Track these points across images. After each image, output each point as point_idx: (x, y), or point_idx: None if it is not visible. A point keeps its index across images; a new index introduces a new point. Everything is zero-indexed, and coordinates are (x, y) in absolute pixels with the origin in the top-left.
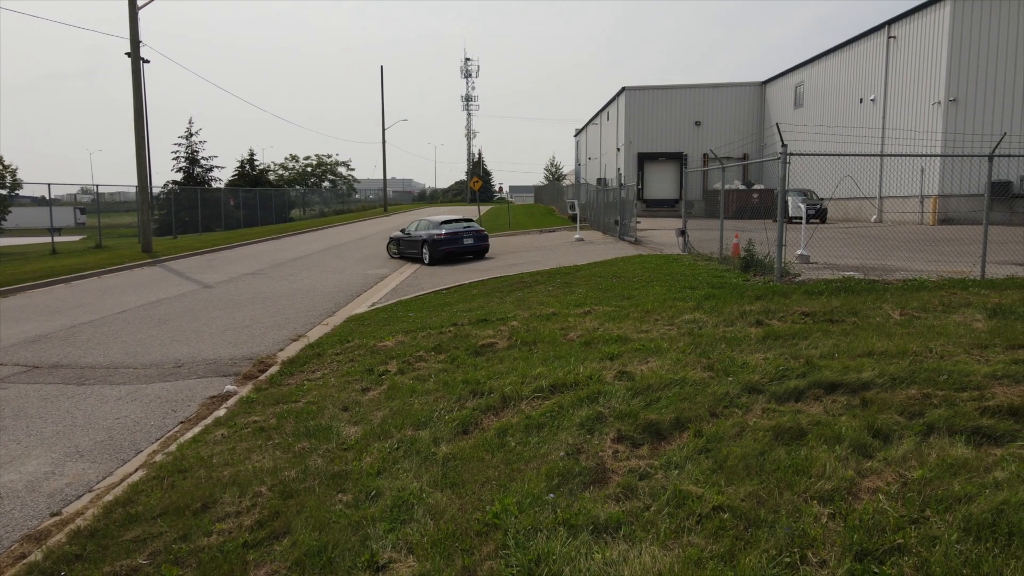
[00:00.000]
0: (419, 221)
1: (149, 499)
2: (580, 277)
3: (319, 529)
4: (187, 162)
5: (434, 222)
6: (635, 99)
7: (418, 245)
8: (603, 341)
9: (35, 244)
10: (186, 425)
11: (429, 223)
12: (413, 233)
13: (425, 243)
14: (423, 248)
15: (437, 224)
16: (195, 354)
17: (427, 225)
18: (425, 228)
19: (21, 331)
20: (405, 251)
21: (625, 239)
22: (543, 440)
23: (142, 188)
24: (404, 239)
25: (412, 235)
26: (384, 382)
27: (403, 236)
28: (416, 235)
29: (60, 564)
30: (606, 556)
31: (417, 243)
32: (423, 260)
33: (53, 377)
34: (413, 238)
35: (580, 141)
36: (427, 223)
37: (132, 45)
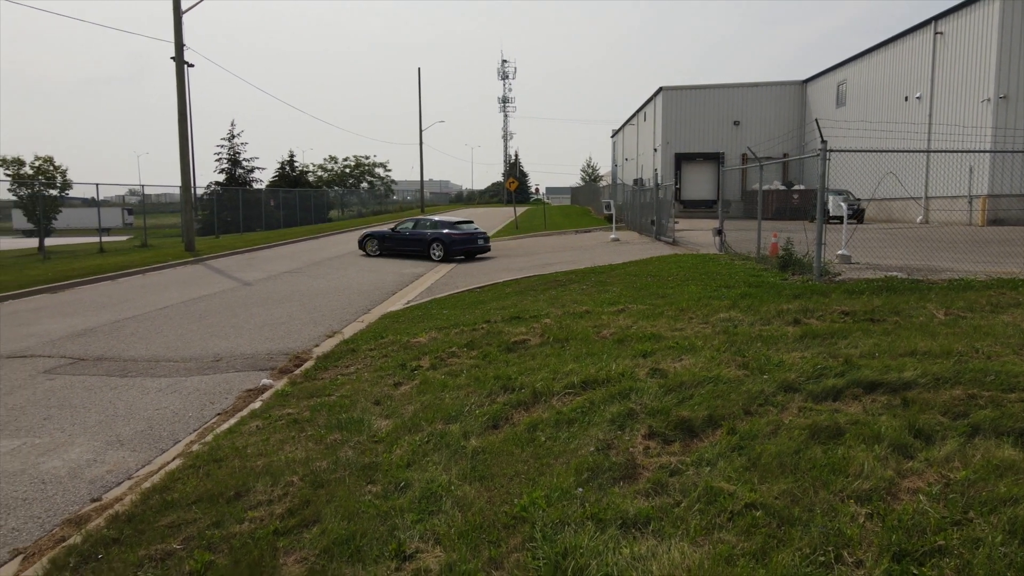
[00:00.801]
0: (413, 220)
1: (185, 487)
2: (615, 276)
3: (348, 518)
4: (229, 163)
5: (446, 222)
6: (672, 99)
7: (422, 244)
8: (636, 339)
9: (84, 243)
10: (223, 417)
11: (433, 223)
12: (410, 231)
13: (437, 241)
14: (432, 246)
15: (451, 224)
16: (233, 349)
17: (430, 224)
18: (431, 227)
19: (69, 325)
20: (395, 248)
21: (661, 239)
22: (573, 435)
23: (185, 188)
24: (393, 236)
25: (410, 233)
26: (416, 377)
27: (392, 234)
28: (417, 233)
29: (98, 547)
30: (634, 551)
31: (420, 241)
32: (430, 257)
33: (97, 369)
34: (411, 236)
35: (617, 142)
36: (429, 223)
37: (176, 49)
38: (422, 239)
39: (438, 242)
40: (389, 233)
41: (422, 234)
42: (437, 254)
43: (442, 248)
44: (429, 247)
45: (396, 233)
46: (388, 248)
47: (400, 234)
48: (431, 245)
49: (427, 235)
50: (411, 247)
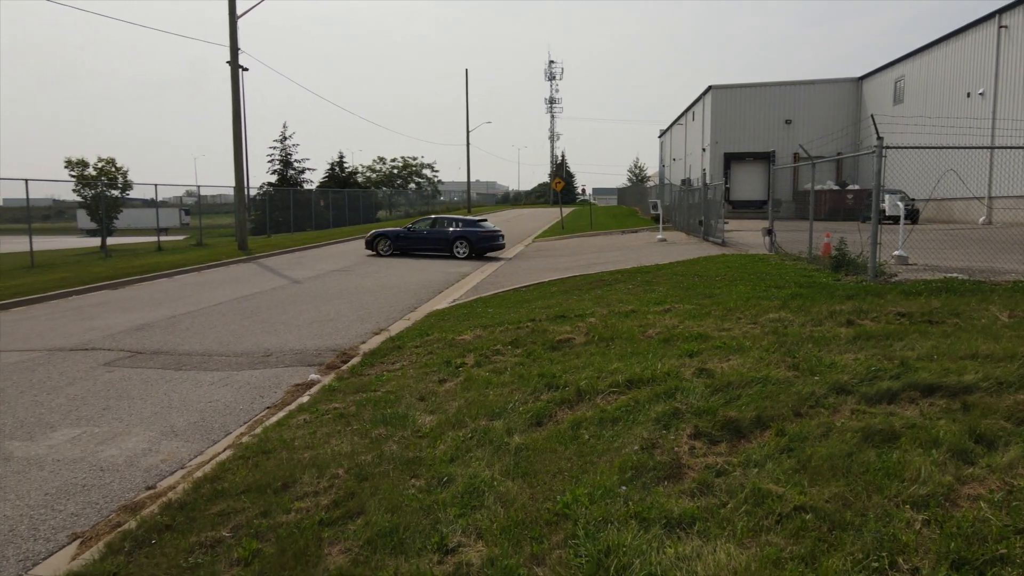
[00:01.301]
0: (428, 219)
1: (235, 477)
2: (661, 276)
3: (391, 511)
4: (281, 164)
5: (466, 220)
6: (722, 98)
7: (445, 242)
8: (682, 338)
9: (143, 242)
10: (272, 410)
11: (452, 221)
12: (429, 230)
13: (462, 239)
14: (456, 244)
15: (472, 222)
16: (283, 344)
17: (449, 223)
18: (452, 225)
19: (128, 320)
20: (412, 247)
21: (709, 240)
22: (617, 434)
23: (239, 189)
24: (409, 236)
25: (428, 232)
26: (461, 374)
27: (407, 233)
28: (438, 232)
29: (152, 533)
30: (679, 551)
31: (442, 240)
32: (454, 255)
33: (154, 362)
34: (431, 235)
35: (664, 142)
36: (448, 221)
37: (231, 53)
38: (444, 237)
39: (463, 239)
40: (404, 232)
41: (443, 232)
42: (461, 252)
43: (467, 245)
44: (453, 245)
45: (412, 232)
46: (403, 247)
47: (417, 233)
48: (455, 243)
49: (449, 233)
50: (431, 246)
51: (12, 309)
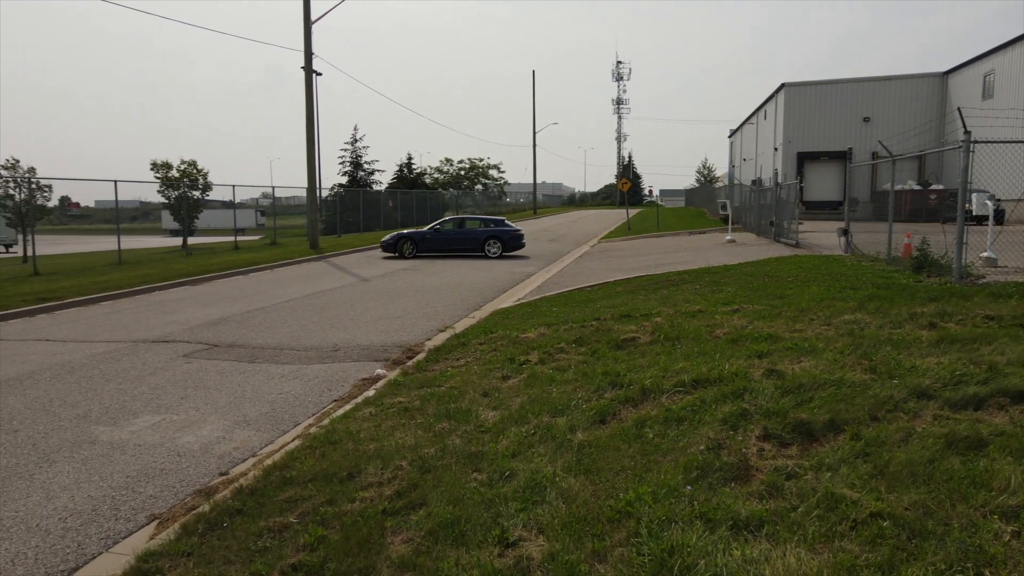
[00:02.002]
0: (453, 219)
1: (302, 465)
2: (730, 276)
3: (453, 503)
4: (351, 166)
5: (492, 219)
6: (795, 96)
7: (475, 241)
8: (751, 339)
9: (221, 242)
10: (339, 403)
11: (479, 220)
12: (457, 230)
13: (494, 238)
14: (488, 244)
15: (498, 221)
16: (350, 340)
17: (478, 222)
18: (481, 225)
19: (206, 314)
20: (439, 248)
21: (781, 241)
22: (682, 433)
23: (311, 190)
24: (436, 237)
25: (455, 233)
26: (524, 371)
27: (433, 234)
28: (467, 231)
29: (223, 516)
30: (746, 553)
31: (472, 240)
32: (486, 254)
33: (228, 355)
34: (459, 235)
35: (734, 142)
36: (473, 220)
37: (306, 58)
38: (475, 237)
39: (495, 239)
40: (430, 234)
41: (474, 232)
42: (493, 251)
43: (499, 244)
44: (484, 245)
45: (438, 233)
46: (430, 248)
47: (444, 234)
48: (487, 242)
49: (480, 232)
50: (461, 246)
51: (101, 303)
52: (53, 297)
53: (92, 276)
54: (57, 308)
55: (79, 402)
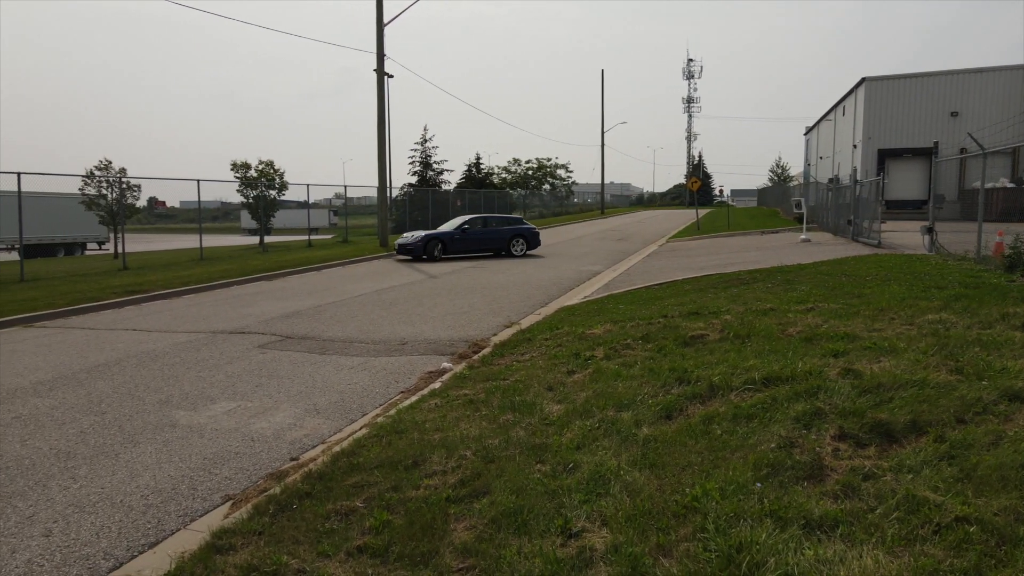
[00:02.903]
0: (480, 219)
1: (369, 453)
2: (804, 275)
3: (516, 493)
4: (421, 166)
5: (511, 218)
6: (876, 90)
7: (501, 240)
8: (826, 338)
9: (296, 240)
10: (405, 394)
11: (498, 220)
12: (483, 230)
13: (519, 237)
14: (513, 242)
15: (517, 220)
16: (417, 334)
17: (500, 222)
18: (506, 225)
19: (279, 308)
20: (467, 248)
21: (860, 240)
22: (752, 431)
23: (382, 189)
24: (464, 237)
25: (482, 233)
26: (590, 366)
27: (461, 235)
28: (493, 231)
29: (293, 499)
30: (819, 554)
31: (498, 239)
32: (511, 253)
33: (300, 346)
34: (486, 235)
35: (810, 140)
36: (493, 220)
37: (378, 60)
38: (501, 236)
39: (521, 237)
40: (458, 234)
41: (500, 231)
42: (519, 249)
43: (524, 243)
44: (510, 244)
45: (465, 233)
46: (458, 250)
47: (471, 234)
48: (512, 241)
49: (506, 231)
50: (488, 246)
51: (183, 296)
52: (140, 290)
53: (176, 271)
54: (143, 300)
55: (161, 388)
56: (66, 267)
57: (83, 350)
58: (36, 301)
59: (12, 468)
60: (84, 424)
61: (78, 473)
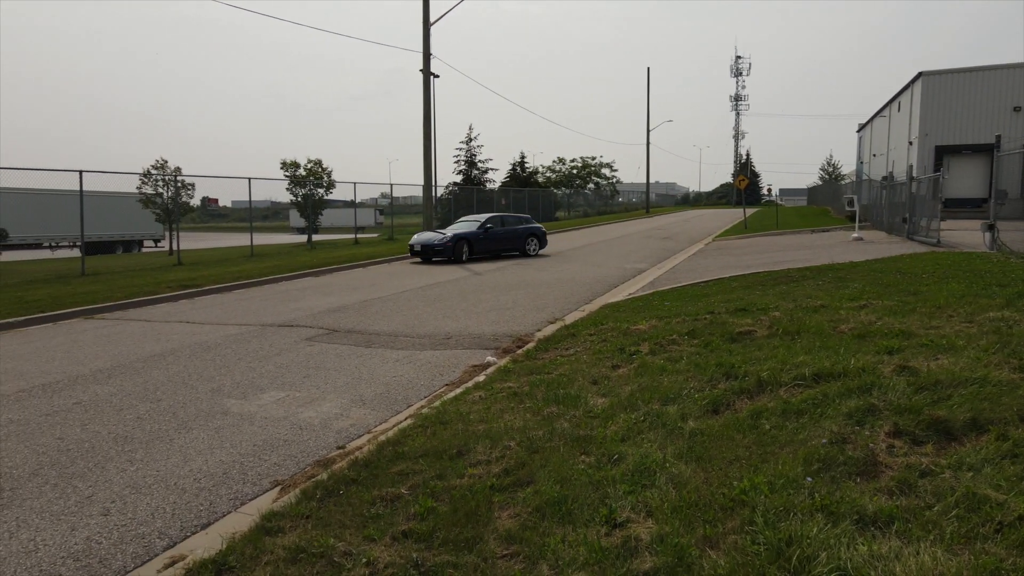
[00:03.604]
0: (497, 218)
1: (414, 442)
2: (857, 272)
3: (560, 483)
4: (466, 165)
5: (522, 217)
6: (934, 85)
7: (519, 240)
8: (880, 335)
9: (342, 239)
10: (449, 387)
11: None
12: (503, 229)
13: (533, 236)
14: (528, 242)
15: (528, 219)
16: (462, 329)
17: (515, 220)
18: (520, 224)
19: (327, 302)
20: (490, 249)
21: (915, 239)
22: (802, 426)
23: (427, 187)
24: (488, 236)
25: (503, 232)
26: (634, 361)
27: (485, 234)
28: (511, 231)
29: (340, 485)
30: (873, 549)
31: (517, 238)
32: (527, 252)
33: (347, 340)
34: (506, 234)
35: (863, 137)
36: (516, 219)
37: (424, 59)
38: (519, 235)
39: (534, 236)
40: (482, 234)
41: (516, 230)
42: (532, 248)
43: (537, 242)
44: (526, 243)
45: (488, 232)
46: (483, 250)
47: (493, 233)
48: (527, 240)
49: (522, 231)
50: (508, 245)
51: (235, 291)
52: (193, 284)
53: (227, 267)
54: (197, 294)
55: (213, 377)
56: (124, 263)
57: (140, 341)
58: (96, 294)
59: (73, 450)
60: (140, 410)
61: (135, 456)
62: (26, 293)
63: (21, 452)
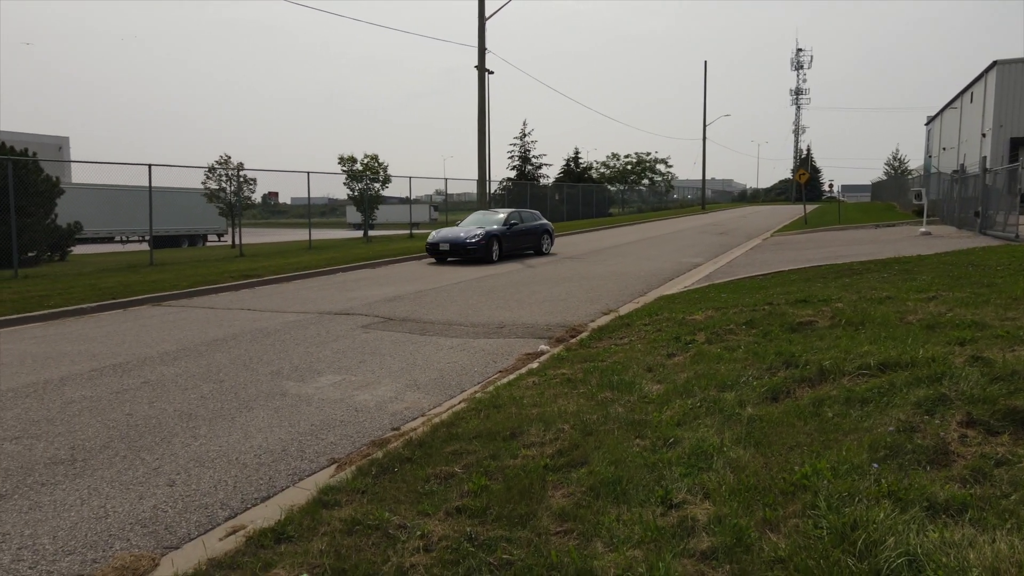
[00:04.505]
0: (516, 213)
1: (467, 424)
2: (925, 265)
3: (615, 464)
4: (520, 160)
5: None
6: (1009, 74)
7: (537, 236)
8: (951, 326)
9: (397, 234)
10: (503, 373)
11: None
12: (523, 226)
13: (547, 233)
14: (543, 239)
15: (538, 216)
16: (515, 319)
17: (531, 217)
18: (533, 221)
19: (382, 292)
20: (514, 247)
21: (988, 234)
22: (867, 415)
23: (481, 182)
24: (511, 234)
25: (522, 229)
26: (690, 349)
27: (509, 232)
28: (529, 227)
29: (395, 463)
30: (945, 536)
31: (535, 235)
32: (542, 250)
33: (402, 328)
34: (526, 231)
35: (932, 130)
36: (531, 215)
37: (479, 54)
38: (536, 233)
39: (548, 234)
40: (507, 232)
41: (533, 228)
42: (547, 246)
43: (550, 239)
44: (541, 239)
45: (511, 230)
46: (510, 248)
47: (515, 230)
48: (542, 237)
49: (537, 228)
50: (527, 243)
51: (293, 281)
52: (254, 275)
53: (286, 258)
54: (257, 284)
55: (273, 360)
56: (189, 255)
57: (203, 326)
58: (163, 283)
59: (141, 426)
60: (204, 390)
61: (198, 432)
62: (99, 281)
63: (93, 426)
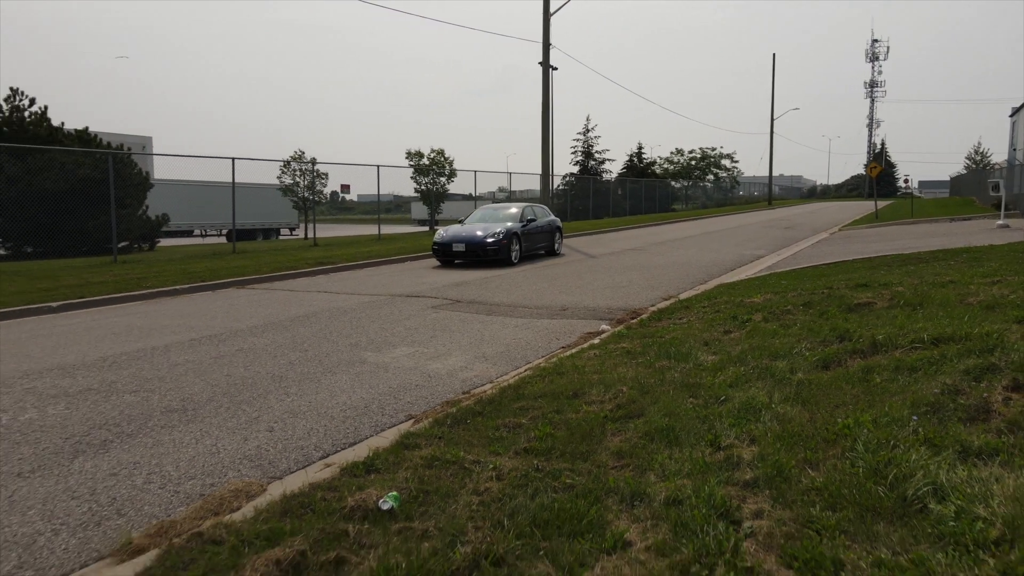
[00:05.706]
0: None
1: (532, 387)
2: (994, 253)
3: (669, 416)
4: (583, 155)
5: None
6: None
7: (550, 234)
8: (1012, 306)
9: None
10: (565, 348)
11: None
12: (539, 224)
13: (558, 231)
14: (555, 236)
15: (547, 211)
16: (577, 302)
17: (543, 212)
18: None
19: (449, 278)
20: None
21: None
22: (914, 380)
23: (544, 176)
24: (528, 232)
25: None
26: (747, 327)
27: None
28: (543, 224)
29: (467, 416)
30: (972, 474)
31: (549, 232)
32: (554, 248)
33: (469, 308)
34: (542, 229)
35: (1017, 121)
36: (542, 210)
37: (543, 50)
38: (548, 230)
39: (559, 231)
40: (526, 228)
41: (545, 225)
42: (558, 245)
43: (560, 235)
44: (553, 238)
45: (528, 228)
46: (527, 247)
47: (532, 227)
48: (554, 235)
49: (545, 224)
50: (541, 241)
51: (365, 268)
52: (328, 262)
53: (358, 247)
54: (331, 270)
55: (351, 334)
56: (267, 245)
57: (285, 305)
58: (246, 268)
59: (239, 385)
60: (291, 357)
61: (289, 390)
62: (187, 266)
63: (198, 384)
